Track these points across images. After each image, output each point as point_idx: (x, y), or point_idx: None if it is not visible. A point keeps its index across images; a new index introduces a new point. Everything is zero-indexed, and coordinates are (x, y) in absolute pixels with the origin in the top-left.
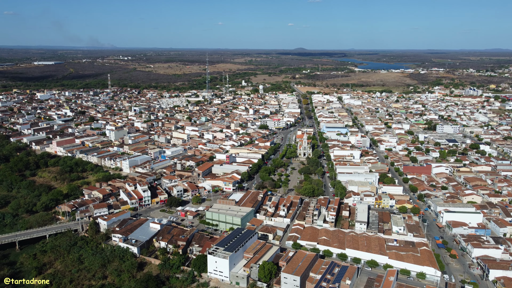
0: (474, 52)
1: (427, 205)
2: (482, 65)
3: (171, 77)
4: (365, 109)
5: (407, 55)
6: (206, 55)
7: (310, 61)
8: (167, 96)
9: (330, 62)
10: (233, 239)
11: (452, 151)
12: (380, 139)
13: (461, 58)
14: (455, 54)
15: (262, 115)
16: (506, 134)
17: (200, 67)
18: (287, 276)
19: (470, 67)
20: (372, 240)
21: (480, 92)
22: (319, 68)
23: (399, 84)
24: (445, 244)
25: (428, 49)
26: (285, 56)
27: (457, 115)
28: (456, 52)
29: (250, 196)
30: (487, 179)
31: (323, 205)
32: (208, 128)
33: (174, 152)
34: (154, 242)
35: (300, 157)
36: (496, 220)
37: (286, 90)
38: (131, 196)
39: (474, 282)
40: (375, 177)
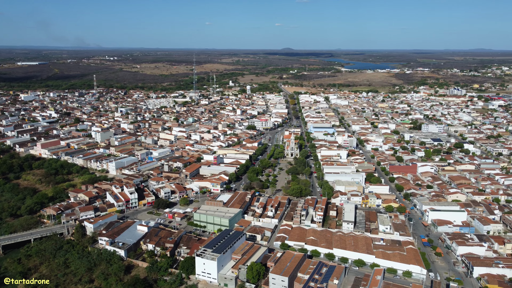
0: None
1: (412, 204)
2: (466, 65)
3: (158, 78)
4: (352, 109)
5: (393, 55)
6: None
7: (297, 61)
8: (154, 97)
9: (317, 62)
10: (221, 241)
11: (437, 150)
12: (366, 139)
13: (446, 58)
14: (440, 54)
15: (250, 116)
16: (489, 133)
17: (187, 67)
18: (275, 276)
19: (454, 67)
20: (359, 239)
21: (464, 92)
22: (306, 68)
23: (385, 84)
24: (430, 242)
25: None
26: (273, 56)
27: (441, 115)
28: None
29: (238, 197)
30: (471, 177)
31: (310, 205)
32: (196, 129)
33: (161, 153)
34: (141, 244)
35: (287, 158)
36: (479, 218)
37: (273, 90)
38: (118, 198)
39: (459, 280)
40: (361, 177)
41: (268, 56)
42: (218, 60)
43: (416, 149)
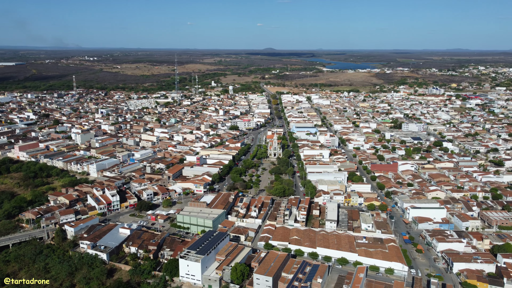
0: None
1: (394, 202)
2: (444, 64)
3: (139, 78)
4: (334, 109)
5: (374, 55)
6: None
7: (279, 61)
8: (135, 98)
9: (299, 62)
10: (204, 242)
11: (417, 149)
12: (348, 138)
13: (425, 58)
14: (419, 54)
15: (232, 116)
16: (467, 132)
17: (169, 67)
18: (260, 277)
19: (433, 66)
20: (342, 238)
21: (443, 91)
22: (288, 68)
23: (366, 83)
24: (411, 239)
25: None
26: (255, 56)
27: (421, 114)
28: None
29: (221, 198)
30: (450, 175)
31: (294, 205)
32: (178, 130)
33: (143, 155)
34: (124, 247)
35: (270, 158)
36: (458, 214)
37: (255, 90)
38: (99, 201)
39: (439, 275)
40: (344, 176)
41: (250, 56)
42: (200, 60)
43: (397, 147)
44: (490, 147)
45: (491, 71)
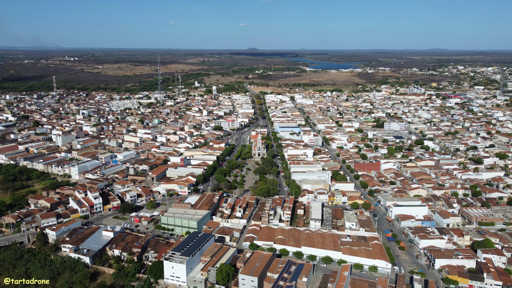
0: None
1: (377, 200)
2: (424, 64)
3: (121, 79)
4: (317, 108)
5: (356, 55)
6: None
7: (262, 61)
8: (117, 98)
9: (282, 62)
10: (189, 243)
11: (399, 147)
12: (331, 137)
13: (405, 57)
14: (400, 54)
15: (216, 116)
16: (447, 130)
17: (152, 67)
18: (245, 277)
19: (413, 66)
20: (327, 236)
21: (423, 90)
22: (272, 68)
23: (349, 83)
24: (394, 237)
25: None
26: (238, 56)
27: (402, 113)
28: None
29: (206, 199)
30: (431, 173)
31: (278, 205)
32: (161, 131)
33: (126, 156)
34: (107, 250)
35: (255, 158)
36: (440, 212)
37: (239, 90)
38: (82, 203)
39: (422, 272)
40: (328, 175)
41: (233, 56)
42: (183, 60)
43: (379, 146)
44: (470, 145)
45: (470, 71)
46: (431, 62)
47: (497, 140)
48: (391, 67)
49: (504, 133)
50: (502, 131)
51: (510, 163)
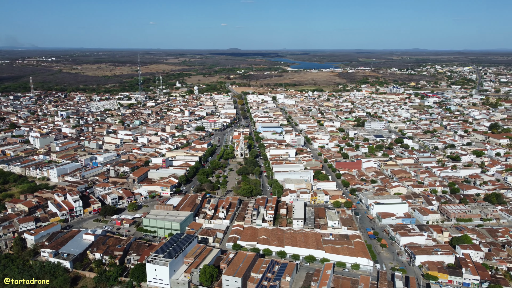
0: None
1: (358, 198)
2: (403, 64)
3: (100, 79)
4: (299, 108)
5: (336, 54)
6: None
7: (244, 61)
8: (97, 99)
9: (264, 62)
10: (172, 245)
11: (379, 146)
12: (313, 137)
13: (385, 57)
14: (379, 53)
15: (198, 117)
16: (426, 129)
17: (132, 68)
18: (229, 278)
19: (393, 66)
20: (309, 236)
21: (402, 90)
22: (253, 68)
23: (330, 83)
24: (376, 234)
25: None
26: (219, 56)
27: (382, 112)
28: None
29: (188, 200)
30: (411, 171)
31: (261, 205)
32: (143, 132)
33: (106, 158)
34: (88, 254)
35: (237, 158)
36: (419, 209)
37: (221, 90)
38: (61, 207)
39: (403, 269)
40: (310, 174)
41: (215, 56)
42: (164, 60)
43: (360, 145)
44: (448, 143)
45: (447, 70)
46: (410, 62)
47: (474, 138)
48: (371, 67)
49: (480, 131)
50: (478, 129)
51: (486, 160)
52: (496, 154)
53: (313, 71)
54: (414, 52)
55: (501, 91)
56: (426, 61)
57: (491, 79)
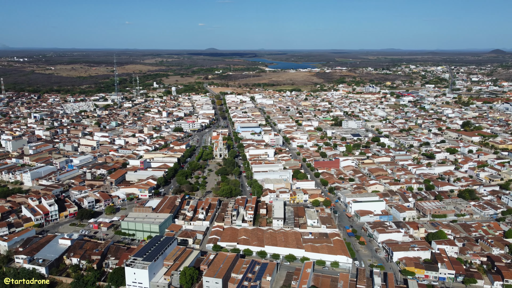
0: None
1: (337, 197)
2: (379, 64)
3: (75, 80)
4: (277, 108)
5: (313, 54)
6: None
7: (222, 62)
8: (72, 101)
9: (242, 62)
10: (151, 248)
11: (356, 145)
12: (292, 136)
13: (361, 57)
14: (356, 53)
15: (176, 118)
16: (402, 127)
17: (108, 68)
18: (209, 279)
19: (368, 65)
20: (289, 235)
21: (378, 89)
22: (231, 68)
23: (307, 82)
24: (354, 232)
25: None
26: (197, 56)
27: (359, 111)
28: (357, 52)
29: (167, 202)
30: (387, 169)
31: (241, 205)
32: (119, 133)
33: (82, 160)
34: (64, 259)
35: (216, 158)
36: (396, 206)
37: (199, 91)
38: (35, 211)
39: (381, 265)
40: (289, 174)
41: (192, 56)
42: (141, 60)
43: (338, 144)
44: (422, 141)
45: (421, 70)
46: (385, 62)
47: (447, 136)
48: (347, 66)
49: (453, 129)
50: (452, 127)
51: (459, 157)
52: (469, 151)
53: (291, 71)
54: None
55: (473, 90)
56: (401, 61)
57: (463, 78)
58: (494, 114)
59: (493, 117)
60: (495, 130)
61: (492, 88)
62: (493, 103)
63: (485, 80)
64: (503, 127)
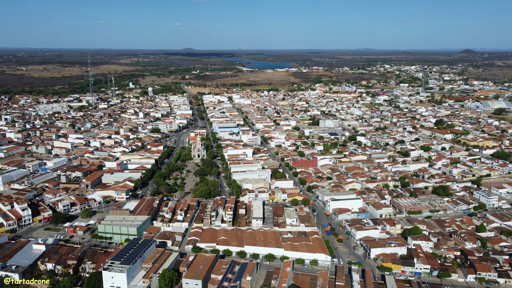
0: (348, 51)
1: (315, 195)
2: (354, 63)
3: (48, 81)
4: (255, 108)
5: (290, 54)
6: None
7: (199, 62)
8: (44, 102)
9: (219, 62)
10: (129, 251)
11: (334, 144)
12: (270, 136)
13: (337, 57)
14: (332, 53)
15: (153, 118)
16: (377, 126)
17: (82, 68)
18: (189, 281)
19: (345, 65)
20: (269, 234)
21: (354, 88)
22: (209, 68)
23: (285, 82)
24: (333, 230)
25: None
26: (174, 56)
27: (336, 110)
28: (333, 52)
29: (145, 204)
30: (364, 167)
31: (220, 206)
32: (95, 135)
33: (56, 163)
34: (39, 265)
35: (194, 159)
36: (373, 203)
37: (176, 91)
38: (7, 216)
39: (359, 262)
40: (267, 174)
41: (169, 56)
42: (116, 60)
43: (316, 143)
44: (398, 139)
45: (396, 69)
46: (361, 62)
47: (421, 134)
48: (324, 66)
49: (427, 127)
50: (425, 125)
51: (433, 154)
52: (442, 148)
53: (268, 71)
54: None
55: (445, 89)
56: (376, 61)
57: (436, 78)
58: (465, 112)
59: (465, 115)
60: (467, 128)
61: (464, 87)
62: (464, 101)
63: (456, 79)
64: (474, 125)
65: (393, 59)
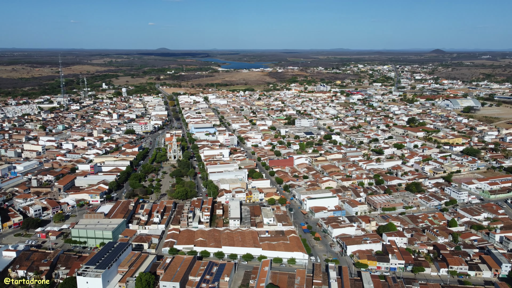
0: (322, 51)
1: (292, 194)
2: (329, 63)
3: (17, 82)
4: (231, 108)
5: (266, 54)
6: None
7: (174, 62)
8: (13, 104)
9: (194, 62)
10: (104, 255)
11: (309, 143)
12: (246, 136)
13: (312, 57)
14: (307, 53)
15: (128, 119)
16: (352, 124)
17: (52, 69)
18: (166, 284)
19: (319, 65)
20: (246, 234)
21: (329, 88)
22: (184, 68)
23: (260, 82)
24: (309, 228)
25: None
26: (148, 56)
27: (311, 110)
28: (308, 52)
29: (120, 207)
30: (339, 165)
31: (197, 207)
32: (67, 137)
33: (27, 166)
34: (9, 272)
35: (170, 160)
36: (349, 201)
37: (151, 92)
38: None
39: (336, 259)
40: (244, 174)
41: (143, 56)
42: (88, 61)
43: (292, 143)
44: (372, 138)
45: (369, 69)
46: (335, 61)
47: (394, 132)
48: (299, 66)
49: (399, 125)
50: (398, 123)
51: (406, 152)
52: (414, 146)
53: (244, 71)
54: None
55: (416, 88)
56: (349, 60)
57: (407, 77)
58: (436, 110)
59: (435, 113)
60: (438, 126)
61: (434, 86)
62: (435, 100)
63: (427, 78)
64: (445, 123)
65: (366, 59)
